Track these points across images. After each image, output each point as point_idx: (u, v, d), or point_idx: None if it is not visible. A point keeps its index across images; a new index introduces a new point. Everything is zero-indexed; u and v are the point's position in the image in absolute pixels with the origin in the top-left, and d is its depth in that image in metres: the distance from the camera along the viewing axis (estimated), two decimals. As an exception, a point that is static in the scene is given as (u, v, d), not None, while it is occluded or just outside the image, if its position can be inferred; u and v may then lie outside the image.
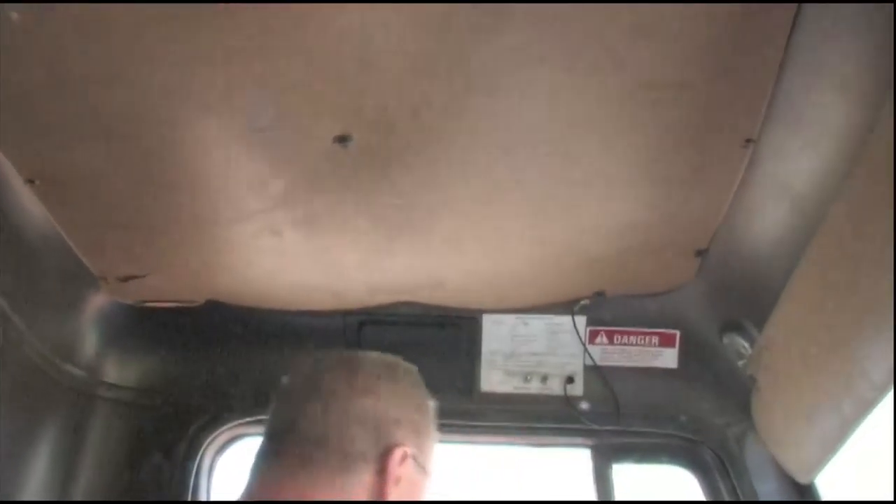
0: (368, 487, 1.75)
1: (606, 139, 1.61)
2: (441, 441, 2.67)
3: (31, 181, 1.73)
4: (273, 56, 1.41)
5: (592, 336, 2.43)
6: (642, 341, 2.44)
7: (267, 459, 1.77)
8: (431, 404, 1.92)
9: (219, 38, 1.37)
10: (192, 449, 2.37)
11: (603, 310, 2.35)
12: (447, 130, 1.59)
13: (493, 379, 2.44)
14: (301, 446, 1.75)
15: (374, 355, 1.94)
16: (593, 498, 2.53)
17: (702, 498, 2.49)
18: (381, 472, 1.75)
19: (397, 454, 1.77)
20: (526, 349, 2.42)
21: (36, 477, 2.12)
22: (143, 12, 1.33)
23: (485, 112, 1.54)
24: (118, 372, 2.36)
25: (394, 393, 1.87)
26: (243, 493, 1.73)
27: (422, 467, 1.83)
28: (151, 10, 1.33)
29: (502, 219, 1.88)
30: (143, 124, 1.58)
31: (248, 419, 2.39)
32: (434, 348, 2.44)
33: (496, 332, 2.42)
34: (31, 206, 1.81)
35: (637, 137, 1.60)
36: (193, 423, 2.38)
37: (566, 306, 2.33)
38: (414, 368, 1.95)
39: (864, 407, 1.60)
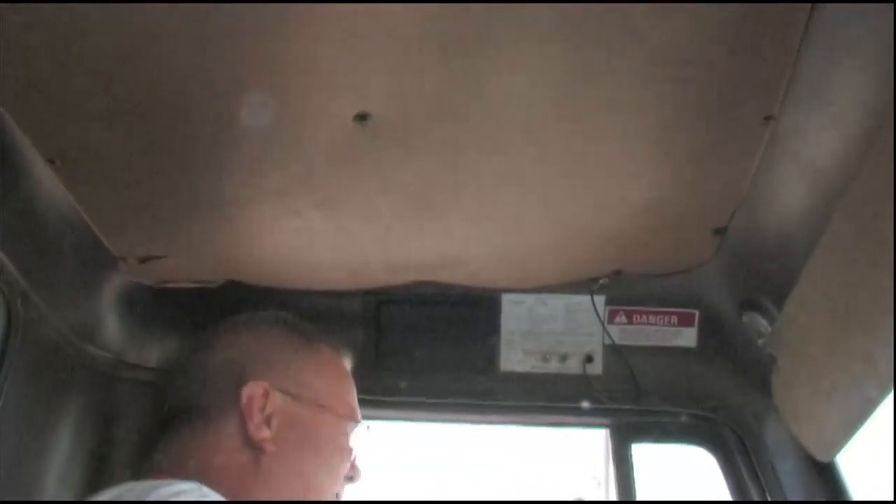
0: (238, 433, 1.79)
1: (626, 116, 1.61)
2: (461, 421, 2.70)
3: (51, 161, 1.73)
4: (292, 33, 1.41)
5: (611, 315, 2.43)
6: (661, 320, 2.43)
7: (162, 433, 1.82)
8: (318, 344, 1.92)
9: (239, 17, 1.37)
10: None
11: (622, 289, 2.35)
12: (466, 108, 1.59)
13: (513, 358, 2.44)
14: (177, 413, 1.80)
15: (241, 315, 1.98)
16: (612, 477, 2.53)
17: (721, 477, 2.50)
18: (243, 414, 1.75)
19: (249, 390, 1.79)
20: (545, 328, 2.42)
21: (58, 456, 2.13)
22: None
23: (504, 89, 1.54)
24: (138, 352, 2.37)
25: (243, 337, 1.91)
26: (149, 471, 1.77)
27: (308, 402, 1.83)
28: None
29: (521, 198, 1.88)
30: (163, 104, 1.58)
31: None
32: (453, 328, 2.45)
33: (515, 312, 2.42)
34: (50, 186, 1.82)
35: (657, 115, 1.60)
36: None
37: (585, 286, 2.33)
38: (287, 315, 1.97)
39: (886, 385, 1.60)
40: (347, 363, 2.02)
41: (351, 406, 1.93)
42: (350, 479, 1.91)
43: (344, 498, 1.91)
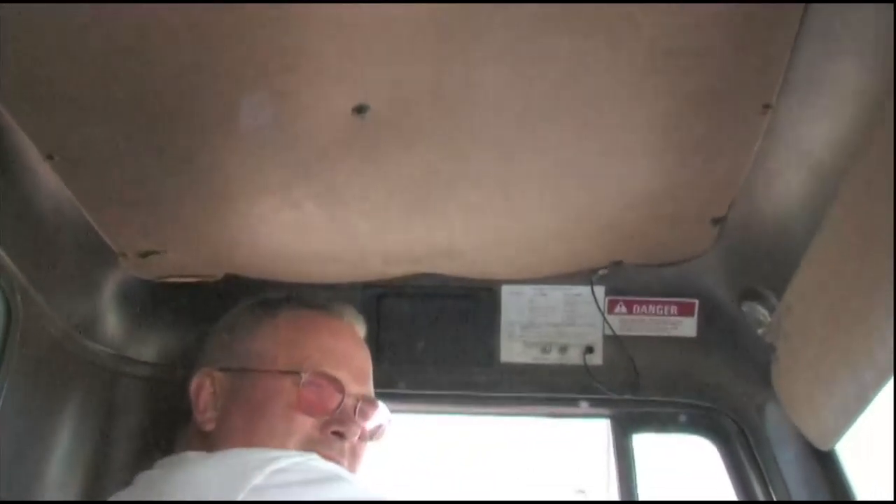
0: (196, 423, 1.86)
1: (624, 107, 1.61)
2: (462, 413, 2.70)
3: (49, 157, 1.73)
4: (290, 27, 1.41)
5: (611, 306, 2.43)
6: (661, 310, 2.44)
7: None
8: (274, 311, 1.96)
9: (237, 11, 1.37)
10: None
11: (621, 279, 2.35)
12: (465, 99, 1.59)
13: (513, 350, 2.44)
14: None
15: None
16: (613, 467, 2.53)
17: (721, 466, 2.50)
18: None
19: (196, 379, 1.87)
20: (545, 320, 2.42)
21: (59, 451, 2.13)
22: None
23: (503, 80, 1.53)
24: (139, 347, 2.37)
25: (218, 327, 1.99)
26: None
27: (241, 370, 1.86)
28: None
29: (520, 188, 1.88)
30: (161, 99, 1.58)
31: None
32: (453, 320, 2.45)
33: (515, 303, 2.43)
34: (49, 182, 1.82)
35: (654, 105, 1.60)
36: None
37: (584, 276, 2.33)
38: (270, 296, 1.99)
39: (885, 373, 1.60)
40: (335, 320, 2.01)
41: (299, 359, 1.89)
42: (338, 433, 1.86)
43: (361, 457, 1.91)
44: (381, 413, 1.97)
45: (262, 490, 1.46)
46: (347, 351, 1.97)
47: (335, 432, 1.85)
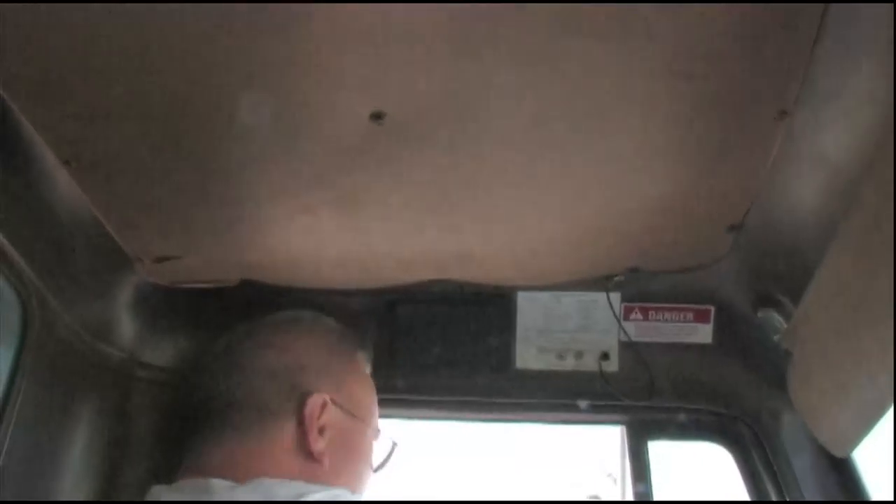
0: (294, 441, 1.78)
1: (640, 112, 1.60)
2: (476, 419, 2.70)
3: (67, 163, 1.74)
4: (306, 32, 1.41)
5: (627, 312, 2.42)
6: (677, 317, 2.43)
7: (196, 434, 1.79)
8: (358, 352, 1.93)
9: (254, 15, 1.37)
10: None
11: (637, 286, 2.35)
12: (482, 105, 1.58)
13: (528, 356, 2.44)
14: (223, 415, 1.78)
15: (281, 314, 1.97)
16: (628, 474, 2.53)
17: (737, 473, 2.49)
18: (301, 422, 1.76)
19: (313, 401, 1.79)
20: (560, 326, 2.42)
21: (73, 456, 2.13)
22: None
23: (519, 86, 1.53)
24: (154, 353, 2.37)
25: (304, 343, 1.91)
26: (178, 473, 1.76)
27: (350, 413, 1.83)
28: None
29: (536, 194, 1.88)
30: (178, 104, 1.58)
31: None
32: (468, 326, 2.44)
33: (530, 309, 2.42)
34: (66, 187, 1.82)
35: (671, 110, 1.59)
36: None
37: (600, 283, 2.33)
38: (329, 320, 1.97)
39: (902, 380, 1.60)
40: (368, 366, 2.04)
41: (373, 413, 1.96)
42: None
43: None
44: None
45: None
46: None
47: None
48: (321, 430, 1.78)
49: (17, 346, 1.86)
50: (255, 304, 2.26)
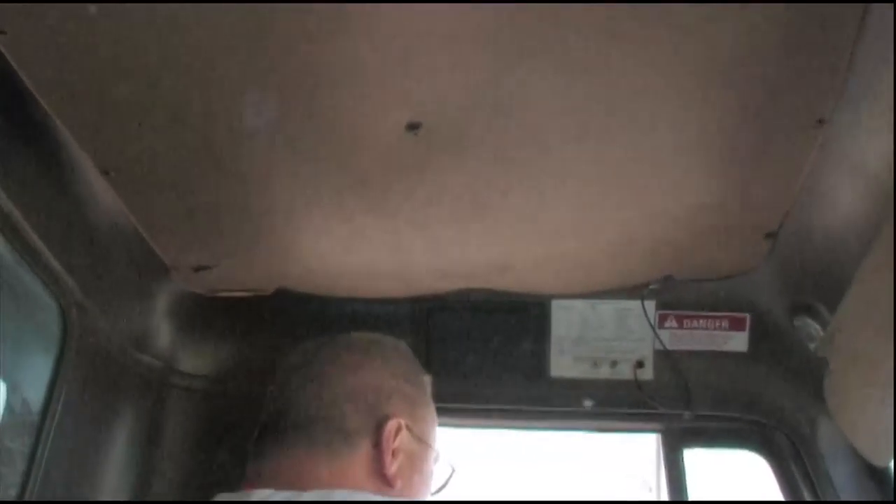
0: (368, 462, 1.78)
1: (676, 120, 1.60)
2: (512, 427, 2.70)
3: (105, 173, 1.75)
4: (344, 42, 1.42)
5: (662, 320, 2.42)
6: (712, 325, 2.42)
7: (266, 445, 1.80)
8: (425, 377, 1.94)
9: (290, 25, 1.38)
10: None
11: (672, 294, 2.34)
12: (518, 112, 1.59)
13: (563, 364, 2.44)
14: (298, 429, 1.78)
15: (360, 334, 1.97)
16: (663, 482, 2.52)
17: (774, 482, 2.48)
18: (378, 445, 1.78)
19: (391, 426, 1.80)
20: (595, 334, 2.42)
21: (112, 462, 2.16)
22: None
23: (556, 91, 1.53)
24: (191, 361, 2.39)
25: (382, 367, 1.89)
26: (245, 482, 1.76)
27: (419, 438, 1.84)
28: None
29: (571, 204, 1.88)
30: (215, 114, 1.60)
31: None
32: (503, 334, 2.45)
33: (565, 318, 2.42)
34: (105, 197, 1.84)
35: (708, 118, 1.59)
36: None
37: (635, 291, 2.32)
38: (402, 343, 1.97)
39: (941, 388, 1.59)
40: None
41: (434, 438, 1.96)
42: None
43: None
44: None
45: None
46: None
47: None
48: (394, 454, 1.80)
49: (57, 355, 1.88)
50: (291, 312, 2.28)
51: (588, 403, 2.46)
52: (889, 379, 1.76)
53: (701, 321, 2.42)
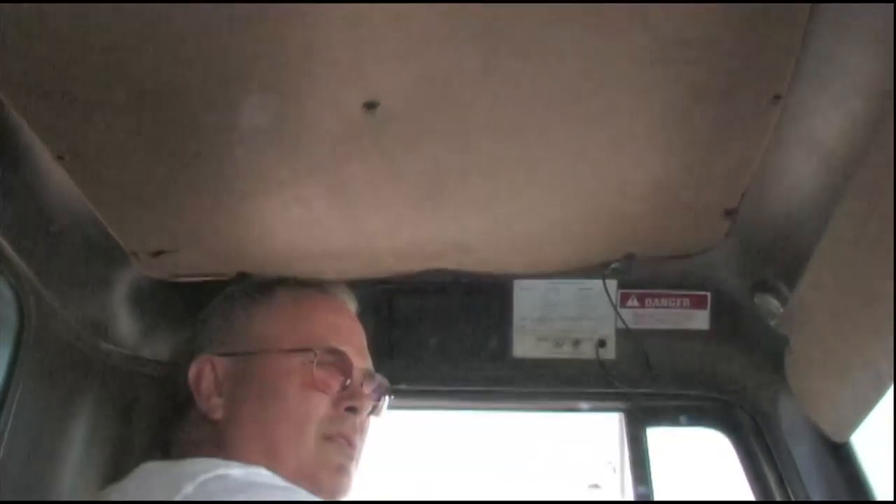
0: (198, 412, 1.83)
1: (634, 98, 1.60)
2: (475, 408, 2.71)
3: (60, 157, 1.73)
4: (298, 22, 1.41)
5: (623, 299, 2.43)
6: (673, 303, 2.44)
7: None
8: (273, 291, 1.98)
9: (244, 6, 1.37)
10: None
11: (633, 273, 2.34)
12: (475, 93, 1.58)
13: (526, 344, 2.44)
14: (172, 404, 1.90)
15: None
16: (627, 462, 2.53)
17: (736, 459, 2.50)
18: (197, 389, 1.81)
19: (194, 366, 1.82)
20: (557, 314, 2.43)
21: (74, 452, 2.14)
22: None
23: (513, 74, 1.53)
24: (153, 347, 2.37)
25: (212, 312, 1.99)
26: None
27: (244, 353, 1.84)
28: None
29: (531, 182, 1.87)
30: (169, 97, 1.58)
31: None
32: (465, 315, 2.45)
33: (527, 298, 2.43)
34: (60, 183, 1.82)
35: (665, 96, 1.59)
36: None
37: (596, 270, 2.32)
38: (260, 278, 2.03)
39: (899, 363, 1.60)
40: (331, 298, 2.02)
41: (307, 337, 1.90)
42: (352, 408, 1.87)
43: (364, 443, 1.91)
44: (384, 386, 1.98)
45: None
46: (348, 326, 2.00)
47: (349, 408, 1.86)
48: (219, 388, 1.79)
49: (14, 344, 1.87)
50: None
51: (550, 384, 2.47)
52: (848, 356, 1.78)
53: (662, 300, 2.43)
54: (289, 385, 1.82)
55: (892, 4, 1.30)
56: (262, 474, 1.57)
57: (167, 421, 1.88)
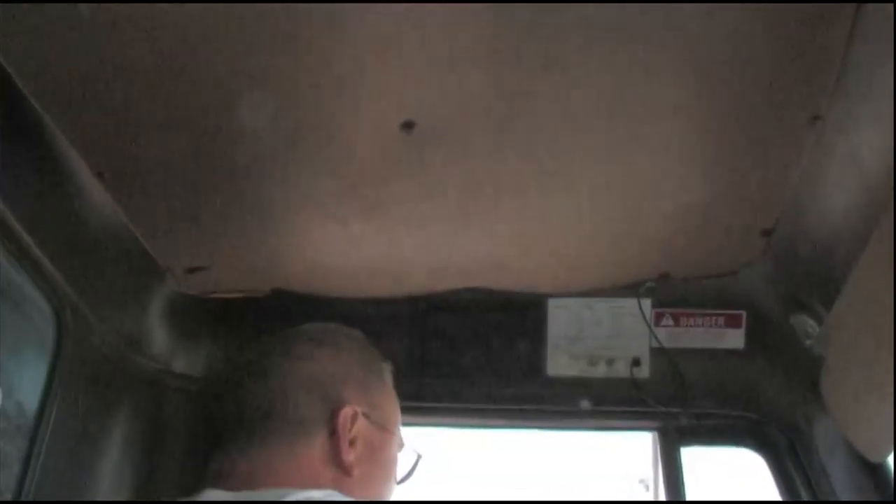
0: (325, 451, 1.78)
1: (672, 118, 1.60)
2: (508, 426, 2.70)
3: (100, 174, 1.75)
4: (338, 42, 1.41)
5: (658, 318, 2.42)
6: (708, 322, 2.42)
7: (224, 444, 1.79)
8: (383, 364, 1.93)
9: (285, 26, 1.37)
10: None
11: (668, 292, 2.34)
12: (512, 111, 1.58)
13: (559, 363, 2.44)
14: (252, 424, 1.78)
15: (313, 325, 1.97)
16: (660, 481, 2.52)
17: (771, 479, 2.48)
18: (334, 433, 1.77)
19: (346, 413, 1.79)
20: (591, 333, 2.42)
21: (108, 465, 2.14)
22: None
23: (551, 91, 1.53)
24: (186, 362, 2.38)
25: (333, 355, 1.89)
26: (207, 482, 1.75)
27: (379, 425, 1.84)
28: None
29: (566, 202, 1.88)
30: (208, 114, 1.59)
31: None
32: (499, 333, 2.45)
33: (561, 316, 2.42)
34: (99, 199, 1.83)
35: (702, 116, 1.59)
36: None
37: (631, 289, 2.32)
38: (356, 332, 1.97)
39: (938, 384, 1.59)
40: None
41: (400, 428, 1.96)
42: None
43: None
44: None
45: None
46: None
47: None
48: (352, 442, 1.79)
49: (52, 358, 1.88)
50: (287, 313, 2.27)
51: (585, 402, 2.45)
52: (886, 375, 1.76)
53: (697, 318, 2.42)
54: (394, 469, 1.93)
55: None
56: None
57: (232, 434, 1.84)
